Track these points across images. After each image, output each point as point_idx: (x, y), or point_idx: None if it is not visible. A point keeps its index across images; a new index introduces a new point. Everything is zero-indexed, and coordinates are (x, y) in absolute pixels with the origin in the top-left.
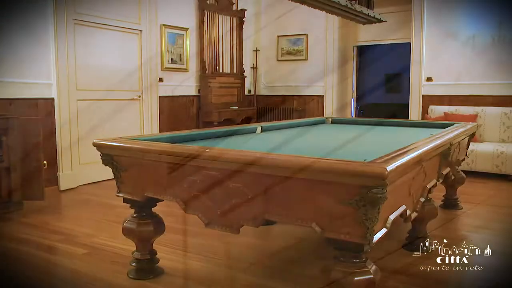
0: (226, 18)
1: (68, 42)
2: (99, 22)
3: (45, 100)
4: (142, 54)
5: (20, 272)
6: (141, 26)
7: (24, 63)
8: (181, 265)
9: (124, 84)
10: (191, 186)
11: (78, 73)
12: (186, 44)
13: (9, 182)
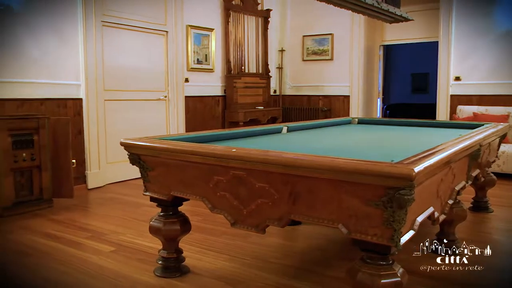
0: (251, 18)
1: (96, 43)
2: (126, 23)
3: (74, 100)
4: (168, 55)
5: (51, 267)
6: (167, 27)
7: (54, 64)
8: (207, 264)
9: (151, 85)
10: (217, 186)
11: (106, 74)
12: (211, 44)
13: (40, 180)
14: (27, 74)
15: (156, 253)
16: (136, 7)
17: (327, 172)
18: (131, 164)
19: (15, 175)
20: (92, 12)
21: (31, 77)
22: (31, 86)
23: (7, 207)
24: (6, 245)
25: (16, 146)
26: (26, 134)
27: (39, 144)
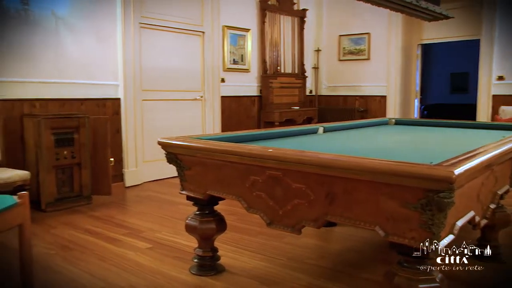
0: (287, 18)
1: (134, 44)
2: (163, 24)
3: (113, 100)
4: (205, 55)
5: (91, 261)
6: (203, 28)
7: (94, 65)
8: (242, 264)
9: (187, 85)
10: (253, 186)
11: (143, 75)
12: (247, 44)
13: (80, 177)
14: (69, 75)
15: (191, 251)
16: (173, 9)
17: (364, 173)
18: (168, 163)
19: (57, 172)
20: (130, 14)
21: (72, 78)
22: (72, 86)
23: (50, 203)
24: (51, 239)
25: (58, 144)
26: (67, 133)
27: (79, 142)
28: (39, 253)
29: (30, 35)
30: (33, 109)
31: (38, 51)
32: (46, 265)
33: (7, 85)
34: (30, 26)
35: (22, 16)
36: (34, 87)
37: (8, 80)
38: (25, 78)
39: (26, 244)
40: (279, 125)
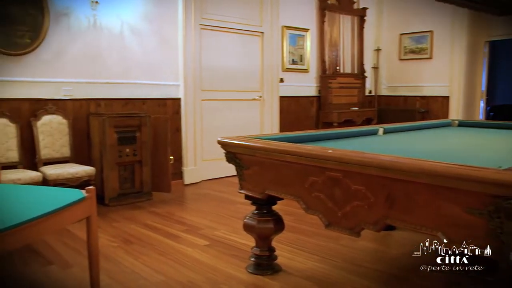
0: (346, 17)
1: (195, 46)
2: (223, 25)
3: (173, 100)
4: (264, 56)
5: (151, 256)
6: (263, 28)
7: (156, 66)
8: (298, 264)
9: (246, 85)
10: (312, 186)
11: (203, 75)
12: (306, 44)
13: (141, 174)
14: (132, 76)
15: (248, 250)
16: (233, 10)
17: (426, 176)
18: (227, 162)
19: (119, 169)
20: (191, 16)
21: (135, 79)
22: (135, 86)
23: (112, 198)
24: (114, 232)
25: (121, 142)
26: (129, 131)
27: (140, 140)
28: (103, 244)
29: (98, 39)
30: (98, 108)
31: (105, 53)
32: (110, 256)
33: (77, 86)
34: (98, 30)
35: (90, 21)
36: (100, 87)
37: (77, 81)
38: (92, 79)
39: (93, 236)
40: (337, 126)
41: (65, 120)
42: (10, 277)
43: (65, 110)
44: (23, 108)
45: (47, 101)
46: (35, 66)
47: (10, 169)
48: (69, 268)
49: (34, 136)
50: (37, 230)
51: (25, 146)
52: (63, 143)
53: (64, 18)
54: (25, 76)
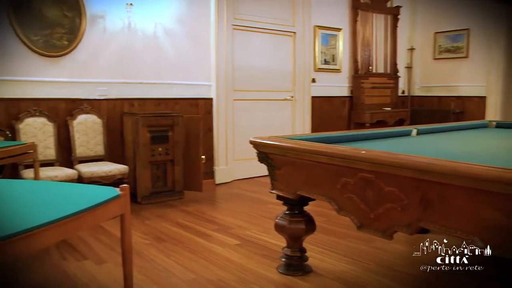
0: (379, 16)
1: (227, 46)
2: (255, 26)
3: (205, 100)
4: (296, 56)
5: (182, 254)
6: (295, 28)
7: (189, 67)
8: (329, 266)
9: (278, 85)
10: (344, 187)
11: (235, 75)
12: (338, 44)
13: (173, 173)
14: (165, 76)
15: (279, 250)
16: (265, 10)
17: (462, 179)
18: (259, 162)
19: (152, 167)
20: (223, 16)
21: (168, 79)
22: (168, 87)
23: (145, 196)
24: (146, 230)
25: (154, 141)
26: (162, 131)
27: (173, 140)
28: (136, 242)
29: (132, 40)
30: (132, 108)
31: (139, 54)
32: (142, 253)
33: (111, 86)
34: (132, 32)
35: (125, 23)
36: (134, 87)
37: (112, 82)
38: (126, 79)
39: (126, 233)
40: (369, 127)
41: (100, 120)
42: (48, 270)
43: (99, 109)
44: (60, 107)
45: (82, 101)
46: (72, 67)
47: (47, 166)
48: (103, 263)
49: (70, 134)
50: (73, 226)
51: (62, 144)
52: (97, 141)
53: (100, 21)
54: (62, 77)
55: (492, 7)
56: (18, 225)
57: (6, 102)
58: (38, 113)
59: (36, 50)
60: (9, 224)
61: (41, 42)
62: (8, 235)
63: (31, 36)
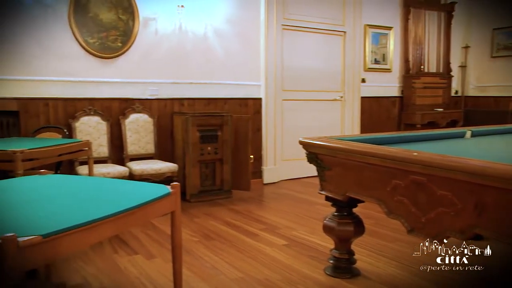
0: (432, 13)
1: (276, 46)
2: (305, 25)
3: (254, 100)
4: (346, 55)
5: (230, 252)
6: (345, 28)
7: (238, 67)
8: (377, 269)
9: (327, 85)
10: (395, 190)
11: (284, 75)
12: (389, 43)
13: (222, 172)
14: (215, 76)
15: (327, 252)
16: (315, 9)
17: None
18: (308, 163)
19: (201, 166)
20: (273, 17)
21: (218, 79)
22: (217, 86)
23: (193, 194)
24: (195, 227)
25: (203, 140)
26: (211, 130)
27: (222, 139)
28: (185, 239)
29: (183, 41)
30: (182, 108)
31: (189, 55)
32: (190, 250)
33: (162, 86)
34: (183, 33)
35: (176, 25)
36: (184, 87)
37: (162, 82)
38: (177, 80)
39: (176, 230)
40: (420, 128)
41: (151, 119)
42: (101, 262)
43: (150, 109)
44: (113, 106)
45: (134, 100)
46: (125, 68)
47: (100, 163)
48: (152, 259)
49: (122, 133)
50: (126, 222)
51: (114, 142)
52: (148, 140)
53: (152, 23)
54: (115, 77)
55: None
56: (75, 219)
57: (64, 102)
58: (92, 112)
59: (92, 52)
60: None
61: (97, 44)
62: (66, 228)
63: (88, 38)
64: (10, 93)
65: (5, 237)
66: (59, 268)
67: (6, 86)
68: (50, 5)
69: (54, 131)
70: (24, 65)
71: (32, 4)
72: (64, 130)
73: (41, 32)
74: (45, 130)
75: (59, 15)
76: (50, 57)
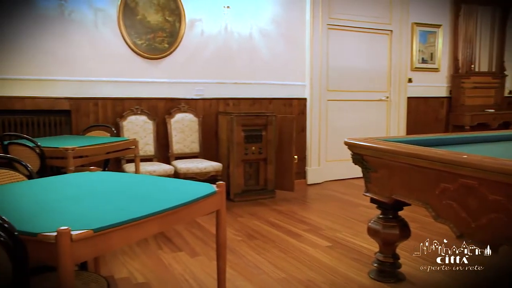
0: (485, 9)
1: (322, 46)
2: (351, 25)
3: (299, 100)
4: (392, 55)
5: (273, 252)
6: (391, 26)
7: (283, 67)
8: (423, 275)
9: (372, 85)
10: (443, 194)
11: (329, 75)
12: (438, 42)
13: (266, 172)
14: (259, 76)
15: (371, 255)
16: (361, 8)
17: None
18: (354, 164)
19: (245, 166)
20: (318, 16)
21: (262, 79)
22: (262, 86)
23: (237, 193)
24: (238, 227)
25: (247, 140)
26: (256, 130)
27: (266, 139)
28: (228, 238)
29: (228, 42)
30: (227, 107)
31: (234, 55)
32: (234, 249)
33: (207, 86)
34: (229, 34)
35: (222, 25)
36: (229, 87)
37: (208, 82)
38: (222, 80)
39: (221, 229)
40: (469, 129)
41: (196, 118)
42: (145, 257)
43: (196, 108)
44: (160, 106)
45: (180, 100)
46: (171, 68)
47: (146, 162)
48: (196, 256)
49: (168, 132)
50: (172, 219)
51: (160, 141)
52: (193, 139)
53: (198, 24)
54: (162, 78)
55: None
56: (123, 215)
57: (112, 101)
58: (139, 112)
59: (140, 53)
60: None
61: (145, 46)
62: (115, 224)
63: (136, 40)
64: (62, 93)
65: (60, 230)
66: (107, 261)
67: (59, 86)
68: (101, 9)
69: (103, 130)
70: (76, 66)
71: (84, 8)
72: (112, 128)
73: (92, 35)
74: (94, 128)
75: (109, 18)
76: (101, 58)
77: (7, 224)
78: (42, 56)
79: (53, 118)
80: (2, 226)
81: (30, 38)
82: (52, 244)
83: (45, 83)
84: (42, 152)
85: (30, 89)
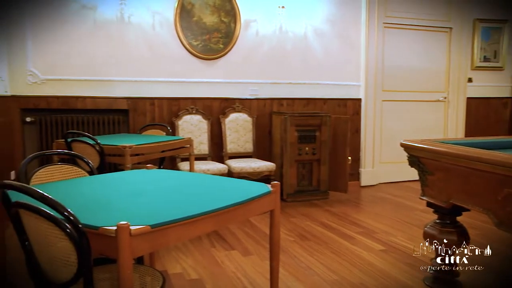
0: None
1: (377, 46)
2: (407, 23)
3: (353, 100)
4: (451, 53)
5: (325, 254)
6: (450, 23)
7: (337, 67)
8: (482, 284)
9: (429, 85)
10: (507, 200)
11: (385, 75)
12: (503, 38)
13: (319, 172)
14: (314, 77)
15: (427, 261)
16: (418, 6)
17: None
18: (410, 166)
19: (298, 166)
20: (374, 15)
21: (317, 79)
22: (316, 87)
23: (290, 194)
24: (291, 227)
25: (301, 140)
26: (310, 130)
27: (320, 139)
28: (281, 238)
29: (283, 42)
30: (281, 107)
31: (289, 55)
32: (286, 249)
33: (261, 86)
34: (283, 34)
35: (276, 26)
36: (283, 87)
37: (262, 82)
38: (276, 80)
39: (275, 229)
40: None
41: (250, 118)
42: (199, 254)
43: (250, 108)
44: (214, 106)
45: (235, 100)
46: (226, 69)
47: (201, 160)
48: (249, 255)
49: (222, 131)
50: (226, 218)
51: (214, 140)
52: (247, 139)
53: (253, 24)
54: (217, 78)
55: None
56: (179, 212)
57: (168, 101)
58: (194, 111)
59: (196, 53)
60: (171, 211)
61: (200, 46)
62: (171, 220)
63: (192, 41)
64: (121, 93)
65: (120, 225)
66: (161, 257)
67: (118, 86)
68: (158, 12)
69: (159, 129)
70: (134, 67)
71: (142, 11)
72: (168, 127)
73: (150, 37)
74: (151, 127)
75: (166, 20)
76: (157, 59)
77: (72, 217)
78: (102, 57)
79: (111, 117)
80: (68, 218)
81: (91, 41)
82: (112, 238)
83: (105, 83)
84: (102, 150)
85: (91, 89)
